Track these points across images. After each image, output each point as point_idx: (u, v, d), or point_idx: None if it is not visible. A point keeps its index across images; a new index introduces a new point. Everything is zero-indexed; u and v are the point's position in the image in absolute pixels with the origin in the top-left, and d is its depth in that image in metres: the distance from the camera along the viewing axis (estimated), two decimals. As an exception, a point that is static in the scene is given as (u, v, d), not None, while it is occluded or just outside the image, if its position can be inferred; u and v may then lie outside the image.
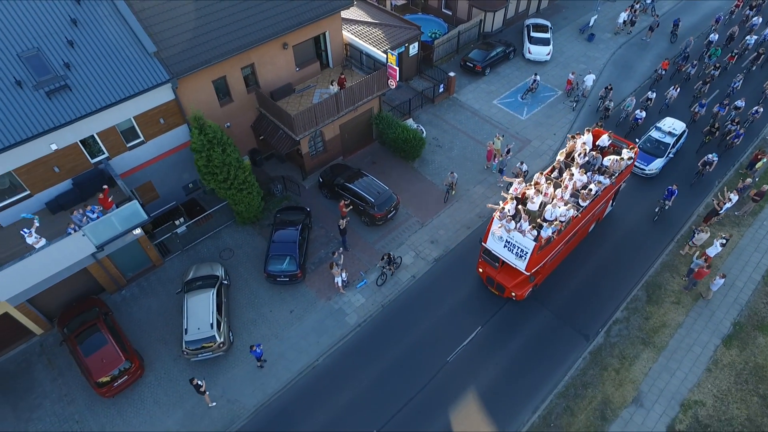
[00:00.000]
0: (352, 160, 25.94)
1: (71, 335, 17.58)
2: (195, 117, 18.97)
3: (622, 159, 20.18)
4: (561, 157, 20.58)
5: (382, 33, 27.89)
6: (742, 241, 22.32)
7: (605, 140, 21.41)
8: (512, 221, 17.89)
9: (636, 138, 26.22)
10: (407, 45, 28.48)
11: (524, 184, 19.64)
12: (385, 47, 26.66)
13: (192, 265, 20.55)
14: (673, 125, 25.50)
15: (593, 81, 29.21)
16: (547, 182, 19.24)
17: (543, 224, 17.85)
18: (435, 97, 29.12)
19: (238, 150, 20.72)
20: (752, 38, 31.90)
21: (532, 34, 32.15)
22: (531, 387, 18.13)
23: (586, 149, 20.41)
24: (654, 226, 22.98)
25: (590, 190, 18.82)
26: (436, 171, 25.46)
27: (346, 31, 26.22)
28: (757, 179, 24.76)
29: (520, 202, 18.95)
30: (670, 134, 25.10)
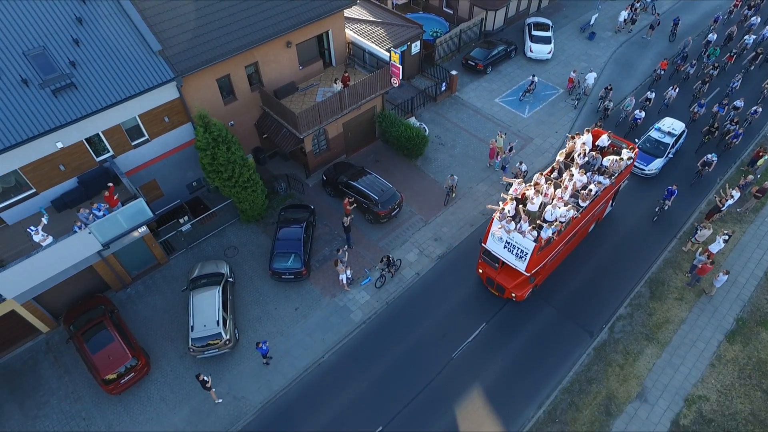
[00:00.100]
0: (355, 159, 26.02)
1: (78, 333, 17.62)
2: (200, 115, 19.02)
3: (622, 159, 20.10)
4: (561, 158, 20.52)
5: (385, 31, 27.99)
6: (744, 238, 22.44)
7: (605, 140, 21.35)
8: (512, 222, 17.78)
9: (635, 138, 26.24)
10: (409, 43, 28.57)
11: (524, 185, 19.60)
12: (388, 46, 26.73)
13: (197, 263, 20.61)
14: (673, 125, 25.47)
15: (594, 79, 29.29)
16: (547, 183, 19.17)
17: (543, 225, 17.77)
18: (437, 96, 29.21)
19: (243, 148, 20.78)
20: (751, 38, 32.01)
21: (534, 33, 32.22)
22: (536, 383, 18.22)
23: (586, 150, 20.32)
24: (654, 226, 23.02)
25: (590, 191, 18.73)
26: (439, 169, 25.54)
27: (349, 30, 26.29)
28: (759, 176, 24.87)
29: (520, 203, 18.88)
30: (670, 134, 25.09)
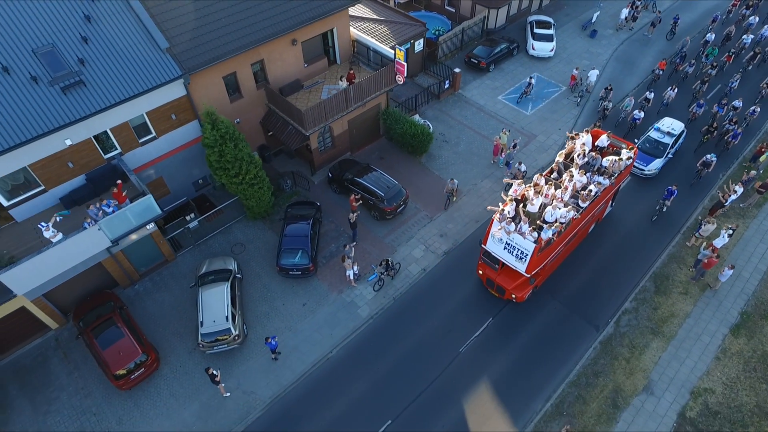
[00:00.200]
0: (360, 156, 26.13)
1: (88, 329, 17.71)
2: (207, 112, 19.14)
3: (621, 159, 20.11)
4: (560, 158, 20.54)
5: (388, 29, 28.12)
6: (748, 233, 22.61)
7: (604, 141, 21.37)
8: (512, 223, 17.76)
9: (635, 138, 26.31)
10: (413, 41, 28.71)
11: (524, 186, 19.61)
12: (392, 43, 26.85)
13: (205, 260, 20.71)
14: (672, 125, 25.48)
15: (597, 76, 29.43)
16: (547, 183, 19.19)
17: (543, 226, 17.78)
18: (440, 93, 29.34)
19: (249, 145, 20.88)
20: (749, 37, 32.17)
21: (536, 31, 32.36)
22: (543, 376, 18.36)
23: (586, 150, 20.33)
24: (653, 226, 23.11)
25: (590, 191, 18.71)
26: (444, 166, 25.66)
27: (353, 28, 26.40)
28: (762, 171, 25.03)
29: (520, 204, 18.85)
30: (669, 134, 25.10)
